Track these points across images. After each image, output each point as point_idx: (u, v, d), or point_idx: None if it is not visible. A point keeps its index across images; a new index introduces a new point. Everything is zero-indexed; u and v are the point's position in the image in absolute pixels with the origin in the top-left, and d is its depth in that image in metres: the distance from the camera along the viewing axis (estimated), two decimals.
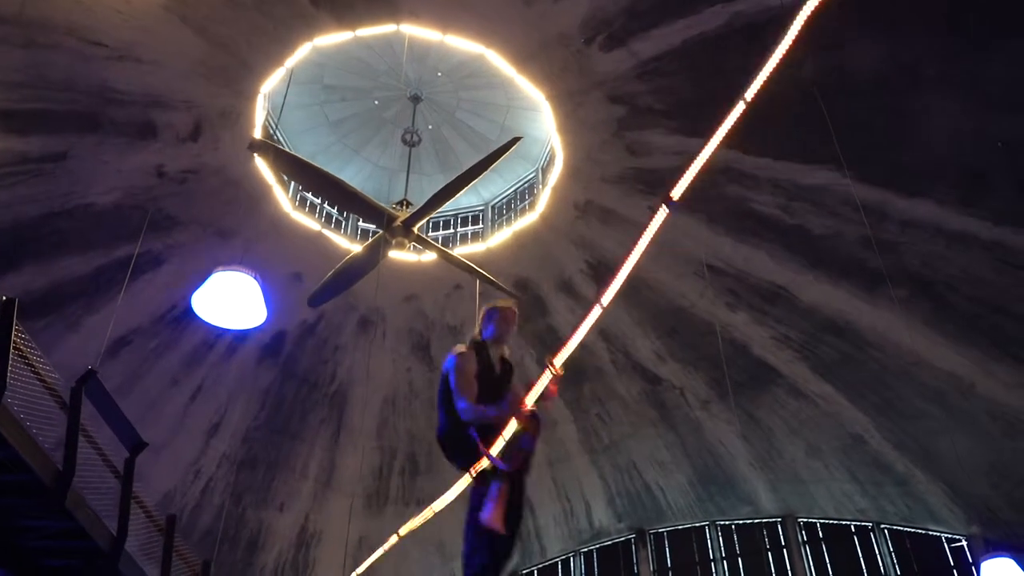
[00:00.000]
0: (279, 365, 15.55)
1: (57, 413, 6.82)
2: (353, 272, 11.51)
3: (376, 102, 14.26)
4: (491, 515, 4.45)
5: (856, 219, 11.75)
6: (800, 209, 12.50)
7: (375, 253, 11.21)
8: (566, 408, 16.05)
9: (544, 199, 13.93)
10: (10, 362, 5.55)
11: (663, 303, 14.42)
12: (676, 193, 5.03)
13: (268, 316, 14.84)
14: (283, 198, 13.78)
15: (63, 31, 10.60)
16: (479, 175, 12.69)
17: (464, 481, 4.85)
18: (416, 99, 14.09)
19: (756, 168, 12.31)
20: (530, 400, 4.62)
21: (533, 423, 4.72)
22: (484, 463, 4.55)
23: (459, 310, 15.11)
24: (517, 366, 15.60)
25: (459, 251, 14.82)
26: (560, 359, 4.67)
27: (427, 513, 6.15)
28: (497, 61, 12.10)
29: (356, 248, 14.04)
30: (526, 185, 15.01)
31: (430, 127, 14.61)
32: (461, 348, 4.99)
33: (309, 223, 14.26)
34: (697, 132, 12.12)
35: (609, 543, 17.11)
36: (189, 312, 14.54)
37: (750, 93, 5.48)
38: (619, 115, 12.24)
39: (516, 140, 13.07)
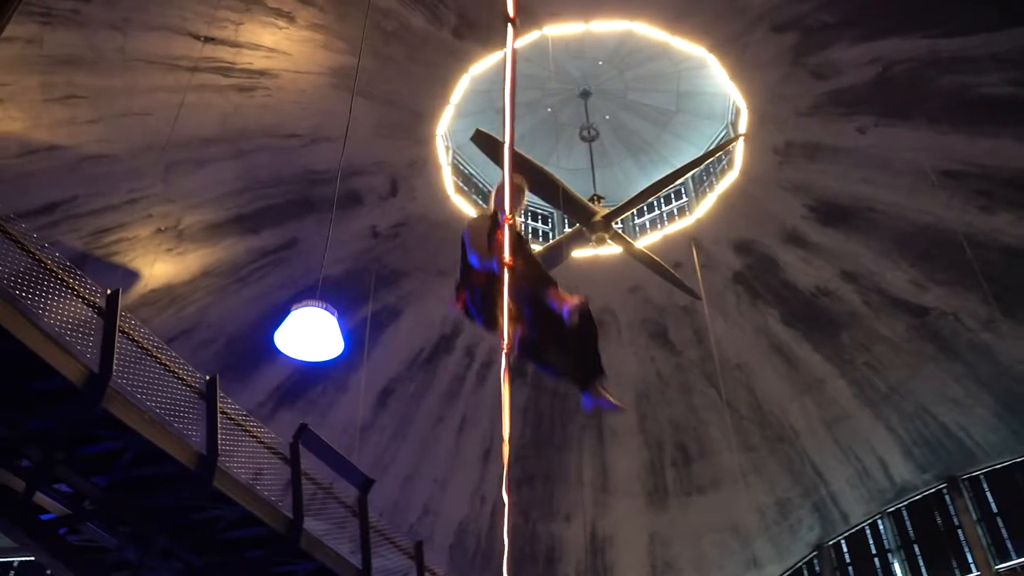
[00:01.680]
0: (528, 382, 16.05)
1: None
2: (549, 263, 11.71)
3: (549, 109, 14.41)
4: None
5: None
6: None
7: (567, 248, 11.33)
8: (827, 364, 14.91)
9: (740, 153, 13.19)
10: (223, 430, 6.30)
11: (904, 226, 12.97)
12: None
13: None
14: None
15: (260, 134, 11.95)
16: (688, 173, 12.40)
17: None
18: (586, 94, 14.06)
19: (969, 48, 10.75)
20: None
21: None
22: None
23: None
24: (761, 330, 14.77)
25: (668, 230, 14.47)
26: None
27: None
28: (648, 32, 11.76)
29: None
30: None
31: (607, 117, 14.48)
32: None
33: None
34: (885, 31, 10.97)
35: (918, 497, 15.50)
36: (436, 353, 15.69)
37: None
38: (791, 43, 11.30)
39: (737, 138, 12.45)
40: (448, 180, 13.65)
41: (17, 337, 4.89)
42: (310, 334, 8.56)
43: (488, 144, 11.13)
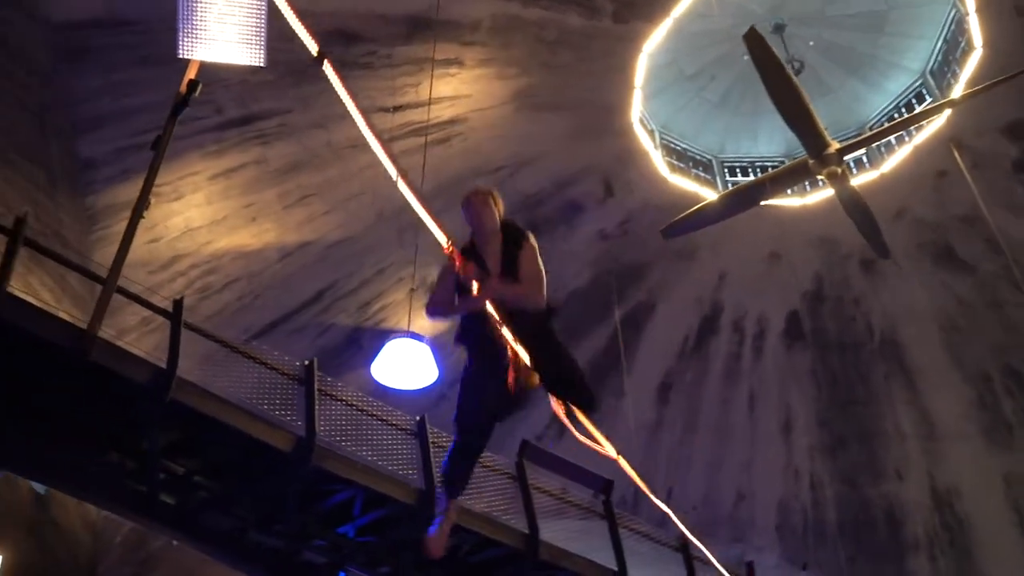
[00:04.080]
0: (809, 343, 14.98)
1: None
2: (734, 207, 10.86)
3: (745, 57, 13.45)
4: None
5: None
6: None
7: (775, 187, 10.44)
8: None
9: (977, 28, 11.37)
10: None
11: None
12: None
13: (771, 300, 14.69)
14: (712, 196, 13.70)
15: (470, 176, 12.54)
16: (946, 109, 11.12)
17: None
18: (780, 28, 12.98)
19: None
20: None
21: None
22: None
23: (958, 195, 12.79)
24: None
25: (918, 139, 12.80)
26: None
27: None
28: None
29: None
30: (952, 27, 12.42)
31: (811, 43, 13.23)
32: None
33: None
34: None
35: None
36: (702, 336, 15.25)
37: None
38: None
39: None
40: (660, 163, 13.34)
41: (229, 424, 5.67)
42: (405, 364, 8.99)
43: (758, 48, 10.34)
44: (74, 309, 9.84)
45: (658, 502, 5.28)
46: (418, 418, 6.96)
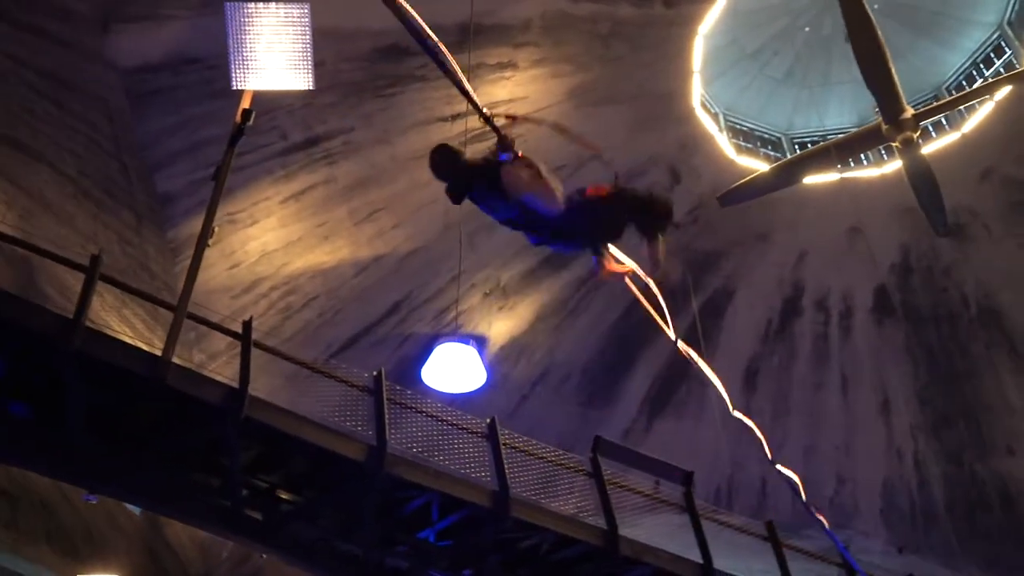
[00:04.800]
0: (900, 318, 14.38)
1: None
2: (795, 175, 10.47)
3: (806, 28, 13.12)
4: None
5: None
6: None
7: (843, 152, 10.07)
8: None
9: None
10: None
11: None
12: None
13: (855, 276, 14.17)
14: None
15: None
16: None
17: None
18: None
19: None
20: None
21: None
22: None
23: None
24: None
25: (999, 95, 12.14)
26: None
27: None
28: None
29: None
30: None
31: (875, 6, 12.68)
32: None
33: (829, 177, 13.43)
34: None
35: None
36: (786, 318, 14.84)
37: None
38: None
39: None
40: (726, 145, 13.10)
41: (302, 437, 5.85)
42: (454, 368, 8.99)
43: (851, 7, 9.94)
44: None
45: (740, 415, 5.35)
46: (488, 420, 7.04)
